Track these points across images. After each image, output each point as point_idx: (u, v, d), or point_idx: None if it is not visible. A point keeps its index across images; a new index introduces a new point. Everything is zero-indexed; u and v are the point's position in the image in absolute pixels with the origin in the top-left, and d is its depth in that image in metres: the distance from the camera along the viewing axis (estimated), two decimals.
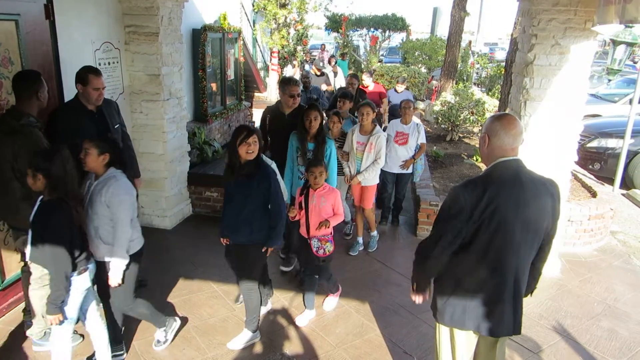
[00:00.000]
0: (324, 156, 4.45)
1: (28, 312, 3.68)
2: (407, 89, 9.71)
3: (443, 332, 2.64)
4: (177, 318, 3.85)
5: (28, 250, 3.34)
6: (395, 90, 8.89)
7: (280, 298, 4.44)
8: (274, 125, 4.96)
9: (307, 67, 14.67)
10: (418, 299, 2.70)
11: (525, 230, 2.34)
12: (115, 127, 4.16)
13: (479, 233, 2.32)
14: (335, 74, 11.24)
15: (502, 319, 2.45)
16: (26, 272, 3.51)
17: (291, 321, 4.12)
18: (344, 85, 10.07)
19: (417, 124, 5.83)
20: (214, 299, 4.37)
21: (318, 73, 10.23)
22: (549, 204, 2.39)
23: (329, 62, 12.69)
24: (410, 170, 5.89)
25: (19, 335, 3.70)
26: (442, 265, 2.47)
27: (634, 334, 4.14)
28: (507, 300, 2.43)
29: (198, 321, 4.06)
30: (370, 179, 5.18)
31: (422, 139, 5.85)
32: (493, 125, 2.39)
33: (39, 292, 3.47)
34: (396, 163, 5.79)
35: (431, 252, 2.44)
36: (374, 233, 5.58)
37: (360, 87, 7.86)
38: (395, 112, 7.77)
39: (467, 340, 2.60)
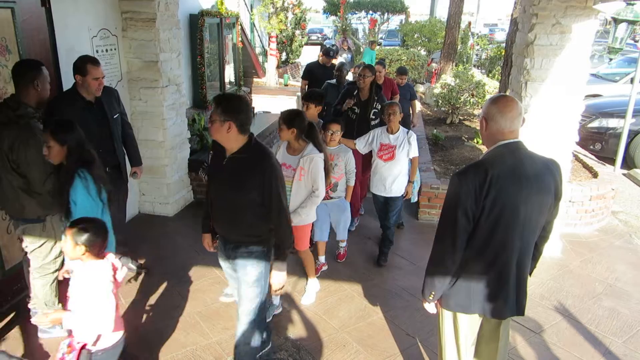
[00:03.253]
0: (67, 202, 2.93)
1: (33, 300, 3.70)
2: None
3: (446, 316, 2.65)
4: None
5: (25, 240, 3.36)
6: (398, 84, 7.12)
7: None
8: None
9: (343, 56, 13.21)
10: (432, 308, 2.65)
11: (528, 213, 2.34)
12: (115, 117, 4.09)
13: (482, 218, 2.31)
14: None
15: (506, 301, 2.46)
16: (26, 261, 3.52)
17: (294, 305, 4.15)
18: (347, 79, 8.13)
19: (408, 132, 4.65)
20: (216, 285, 4.39)
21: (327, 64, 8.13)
22: (551, 184, 2.38)
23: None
24: (403, 192, 4.80)
25: (24, 322, 3.73)
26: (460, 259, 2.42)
27: (635, 313, 4.17)
28: (511, 282, 2.43)
29: (202, 307, 4.09)
30: (305, 218, 3.86)
31: (414, 152, 4.66)
32: (489, 109, 2.37)
33: (40, 280, 3.49)
34: (383, 184, 4.70)
35: (452, 247, 2.37)
36: (313, 283, 4.32)
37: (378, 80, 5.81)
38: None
39: (470, 323, 2.61)
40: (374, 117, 5.34)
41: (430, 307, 2.65)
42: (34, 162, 3.16)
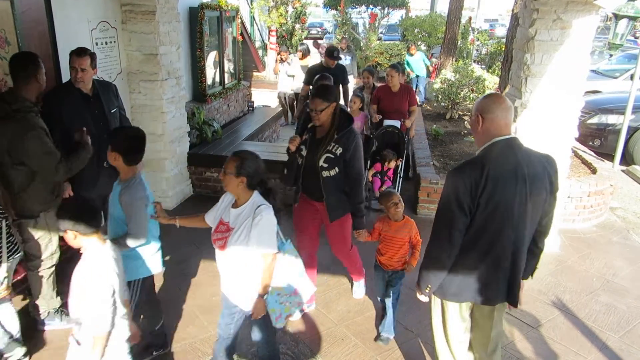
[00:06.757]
0: None
1: (30, 294, 3.70)
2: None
3: (437, 304, 2.71)
4: None
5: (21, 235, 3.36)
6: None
7: None
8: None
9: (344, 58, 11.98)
10: (425, 298, 2.70)
11: (522, 208, 2.36)
12: (112, 111, 4.03)
13: (477, 212, 2.34)
14: None
15: (497, 288, 2.49)
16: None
17: None
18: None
19: (259, 207, 2.59)
20: (216, 279, 4.32)
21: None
22: (546, 180, 2.41)
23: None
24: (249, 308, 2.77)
25: (24, 316, 3.73)
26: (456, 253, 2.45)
27: (631, 308, 4.19)
28: (504, 270, 2.46)
29: (201, 300, 4.10)
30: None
31: (263, 244, 2.59)
32: (484, 103, 2.42)
33: (37, 275, 3.51)
34: (224, 280, 2.89)
35: (448, 243, 2.40)
36: None
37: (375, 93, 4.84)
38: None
39: (460, 312, 2.65)
40: (326, 164, 3.46)
41: (423, 298, 2.71)
42: (34, 155, 3.14)
